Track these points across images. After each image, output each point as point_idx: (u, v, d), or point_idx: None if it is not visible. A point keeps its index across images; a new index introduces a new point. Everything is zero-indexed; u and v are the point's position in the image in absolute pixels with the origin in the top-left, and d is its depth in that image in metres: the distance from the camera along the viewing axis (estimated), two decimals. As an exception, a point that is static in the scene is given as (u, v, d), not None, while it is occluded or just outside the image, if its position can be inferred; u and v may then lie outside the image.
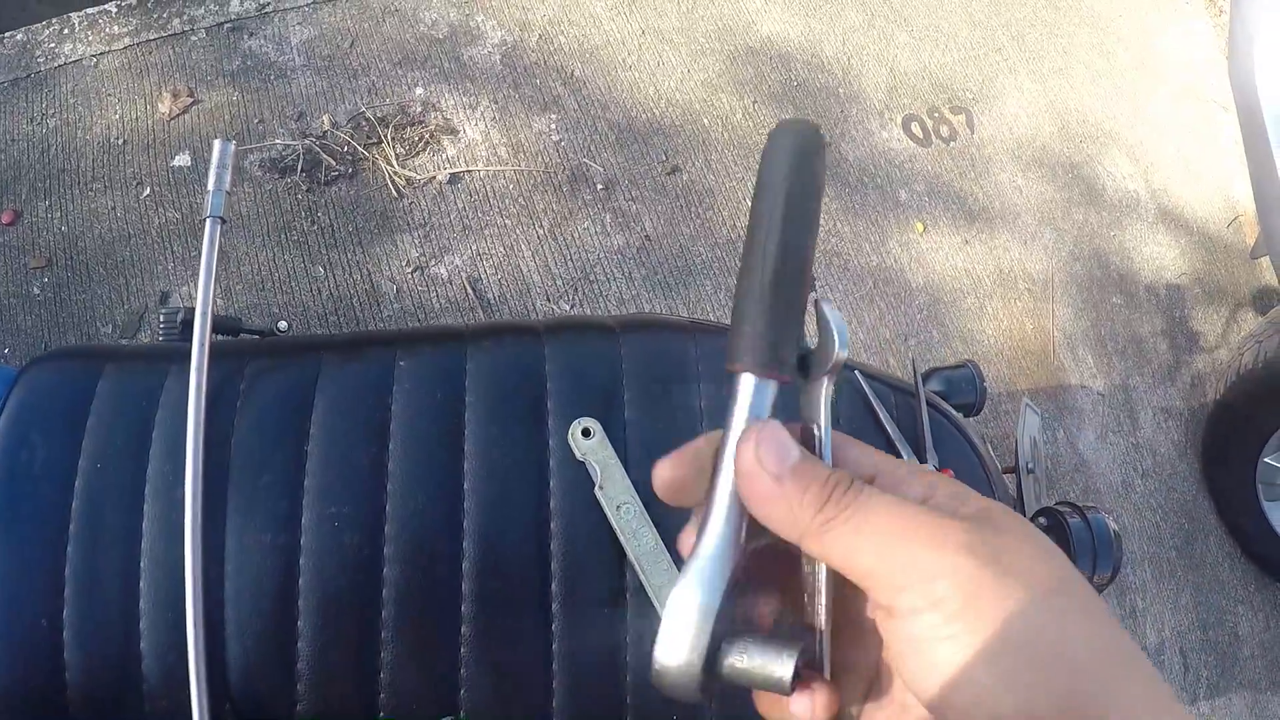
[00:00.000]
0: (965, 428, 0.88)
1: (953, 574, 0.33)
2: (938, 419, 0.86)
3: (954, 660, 0.32)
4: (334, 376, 0.77)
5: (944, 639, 0.32)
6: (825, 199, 2.17)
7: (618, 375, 0.78)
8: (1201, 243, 2.57)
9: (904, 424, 0.82)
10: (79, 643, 0.70)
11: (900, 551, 0.33)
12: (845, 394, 0.83)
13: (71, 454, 0.74)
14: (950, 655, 0.32)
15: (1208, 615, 2.26)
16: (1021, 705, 0.31)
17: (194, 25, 2.03)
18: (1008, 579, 0.33)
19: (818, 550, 0.35)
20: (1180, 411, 2.38)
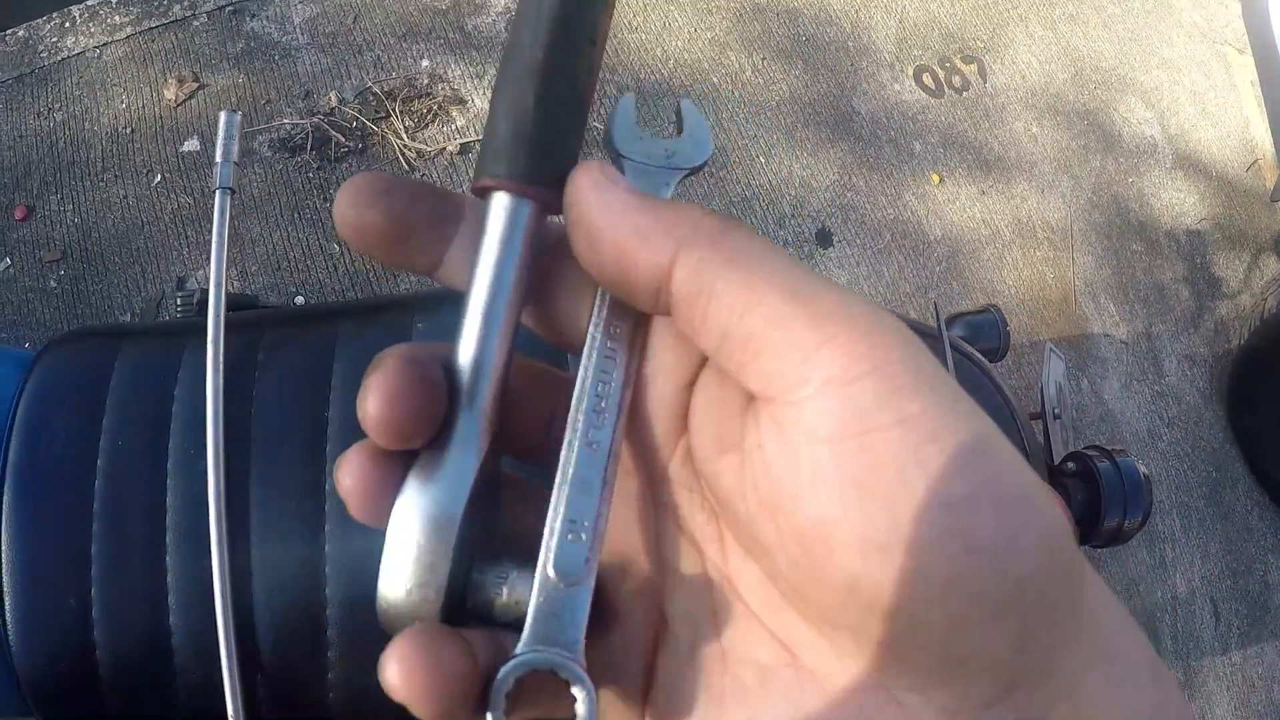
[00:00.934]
0: (990, 371, 0.87)
1: (900, 338, 0.24)
2: (962, 362, 0.85)
3: (915, 463, 0.23)
4: (351, 343, 0.77)
5: (896, 431, 0.23)
6: (840, 152, 2.15)
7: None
8: (1221, 187, 2.53)
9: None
10: (108, 621, 0.70)
11: (813, 291, 0.24)
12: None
13: (92, 433, 0.74)
14: (909, 457, 0.23)
15: (1237, 564, 2.25)
16: (1011, 529, 0.23)
17: (195, 10, 2.02)
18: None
19: (692, 283, 0.25)
20: (1204, 358, 2.36)
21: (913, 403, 0.23)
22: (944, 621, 0.23)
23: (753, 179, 2.04)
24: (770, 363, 0.24)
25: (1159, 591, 2.13)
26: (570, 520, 0.27)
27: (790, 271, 0.25)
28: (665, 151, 0.30)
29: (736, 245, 0.25)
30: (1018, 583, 0.23)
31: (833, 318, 0.24)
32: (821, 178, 2.10)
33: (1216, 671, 2.15)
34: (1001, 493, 0.23)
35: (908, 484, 0.22)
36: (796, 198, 2.06)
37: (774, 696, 0.27)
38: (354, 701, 0.71)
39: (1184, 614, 2.15)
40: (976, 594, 0.22)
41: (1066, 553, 0.24)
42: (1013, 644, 0.23)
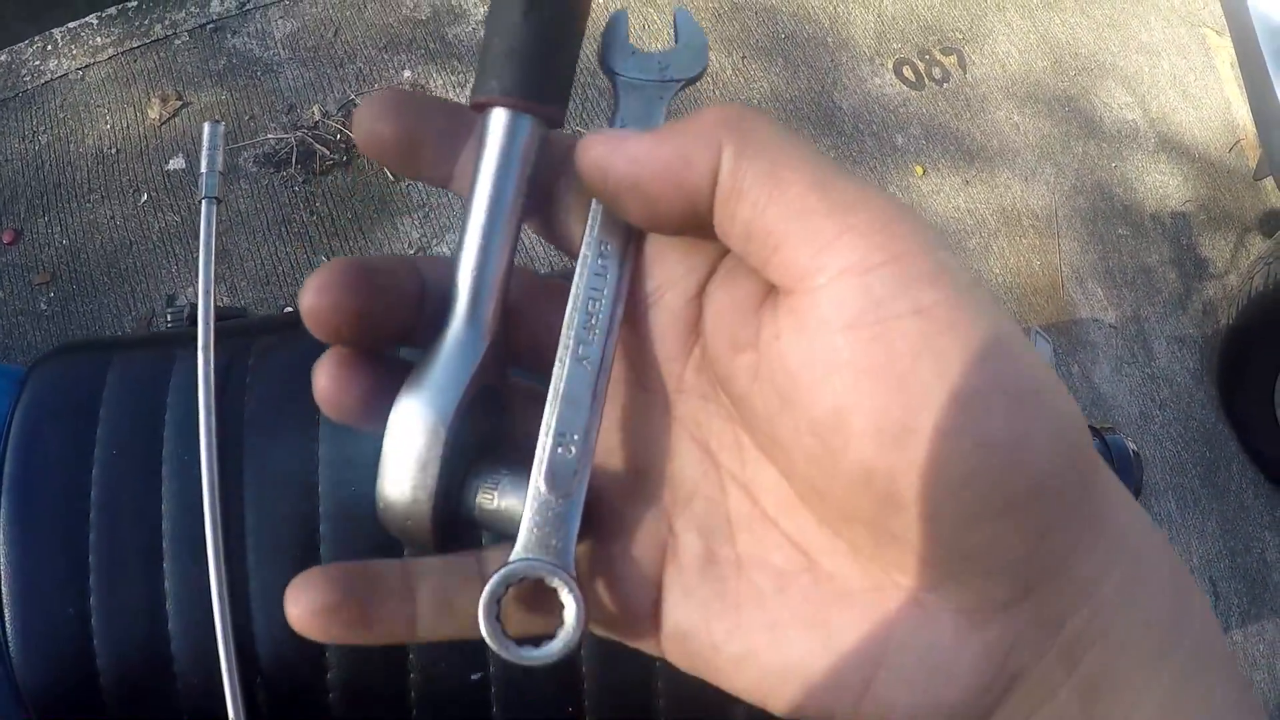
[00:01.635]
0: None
1: (915, 229, 0.24)
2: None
3: (929, 353, 0.23)
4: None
5: (913, 321, 0.23)
6: (822, 147, 2.16)
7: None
8: (1204, 169, 2.55)
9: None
10: (108, 630, 0.70)
11: (849, 182, 0.24)
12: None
13: (86, 444, 0.74)
14: (926, 346, 0.23)
15: (1235, 543, 2.25)
16: (1023, 427, 0.23)
17: (176, 29, 2.02)
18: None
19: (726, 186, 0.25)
20: (1194, 339, 2.37)
21: (930, 293, 0.23)
22: (958, 516, 0.23)
23: (737, 176, 2.05)
24: (789, 253, 0.24)
25: (1158, 573, 2.13)
26: (560, 433, 0.27)
27: (813, 162, 0.25)
28: (659, 65, 0.30)
29: (762, 139, 0.25)
30: (1032, 479, 0.23)
31: (853, 208, 0.24)
32: (806, 173, 2.11)
33: (1218, 651, 2.16)
34: (1016, 388, 0.23)
35: (922, 375, 0.22)
36: (781, 194, 2.07)
37: (793, 601, 0.27)
38: (353, 702, 0.71)
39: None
40: (989, 489, 0.23)
41: (1083, 452, 0.24)
42: (1028, 542, 0.23)
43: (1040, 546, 0.23)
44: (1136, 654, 0.25)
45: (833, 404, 0.24)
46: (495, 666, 0.70)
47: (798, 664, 0.26)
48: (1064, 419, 0.23)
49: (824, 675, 0.26)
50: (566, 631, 0.26)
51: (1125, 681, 0.24)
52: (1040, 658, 0.24)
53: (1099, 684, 0.24)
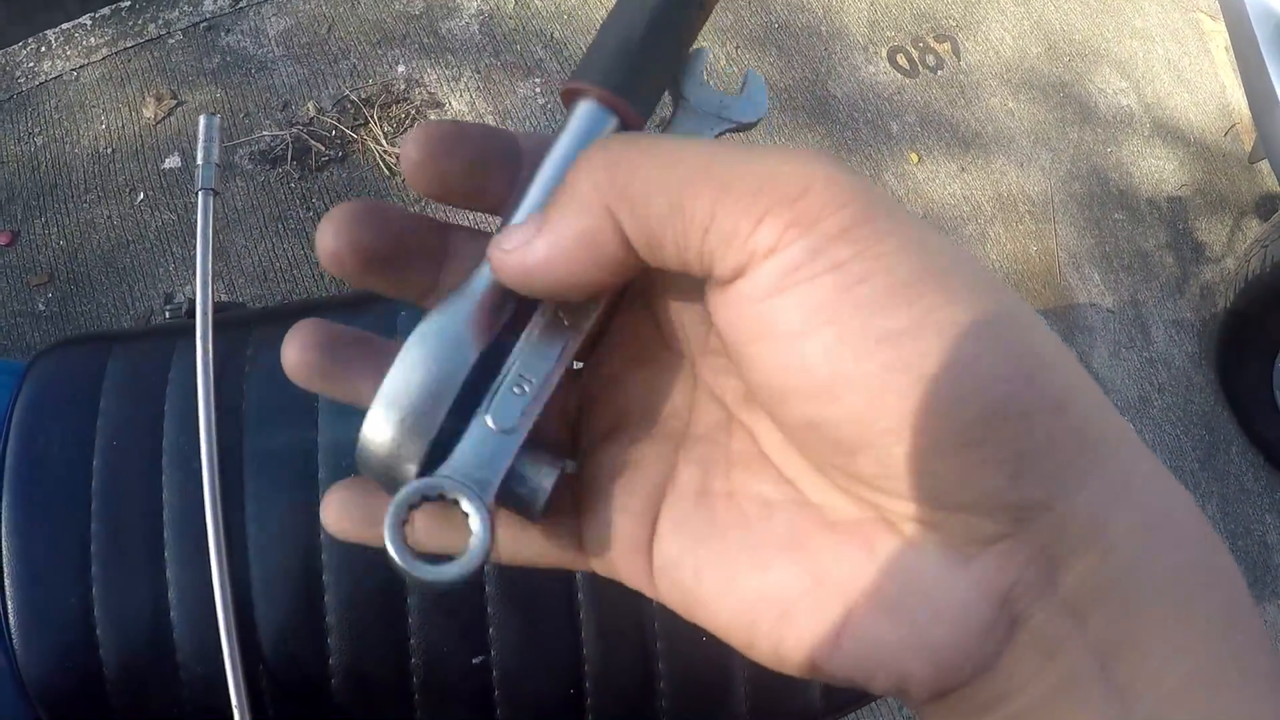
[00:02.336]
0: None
1: (828, 185, 0.23)
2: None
3: (848, 305, 0.23)
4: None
5: (827, 278, 0.23)
6: (817, 136, 2.16)
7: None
8: (1200, 153, 2.55)
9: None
10: (110, 619, 0.71)
11: (746, 169, 0.24)
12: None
13: (87, 435, 0.75)
14: (840, 300, 0.23)
15: (1235, 525, 2.26)
16: (967, 361, 0.22)
17: (170, 28, 2.02)
18: (903, 211, 0.24)
19: (634, 220, 0.25)
20: (1192, 323, 2.37)
21: (845, 249, 0.23)
22: (914, 455, 0.23)
23: (733, 166, 2.05)
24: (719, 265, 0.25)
25: (1158, 557, 2.14)
26: (519, 375, 0.28)
27: (707, 160, 0.25)
28: (720, 103, 0.32)
29: (645, 179, 0.25)
30: (985, 410, 0.22)
31: (762, 190, 0.24)
32: (801, 162, 2.11)
33: (1220, 634, 2.17)
34: (949, 320, 0.23)
35: (840, 324, 0.23)
36: (777, 183, 2.07)
37: (775, 527, 0.27)
38: (356, 688, 0.72)
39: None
40: (939, 424, 0.22)
41: (1053, 378, 0.23)
42: (1001, 475, 0.23)
43: (1017, 479, 0.23)
44: (1159, 612, 0.23)
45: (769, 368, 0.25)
46: (496, 651, 0.71)
47: (776, 590, 0.26)
48: (1025, 346, 0.23)
49: (803, 603, 0.26)
50: (468, 555, 0.26)
51: (1148, 642, 0.23)
52: (1042, 604, 0.24)
53: (1118, 643, 0.23)
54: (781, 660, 0.26)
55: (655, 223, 0.25)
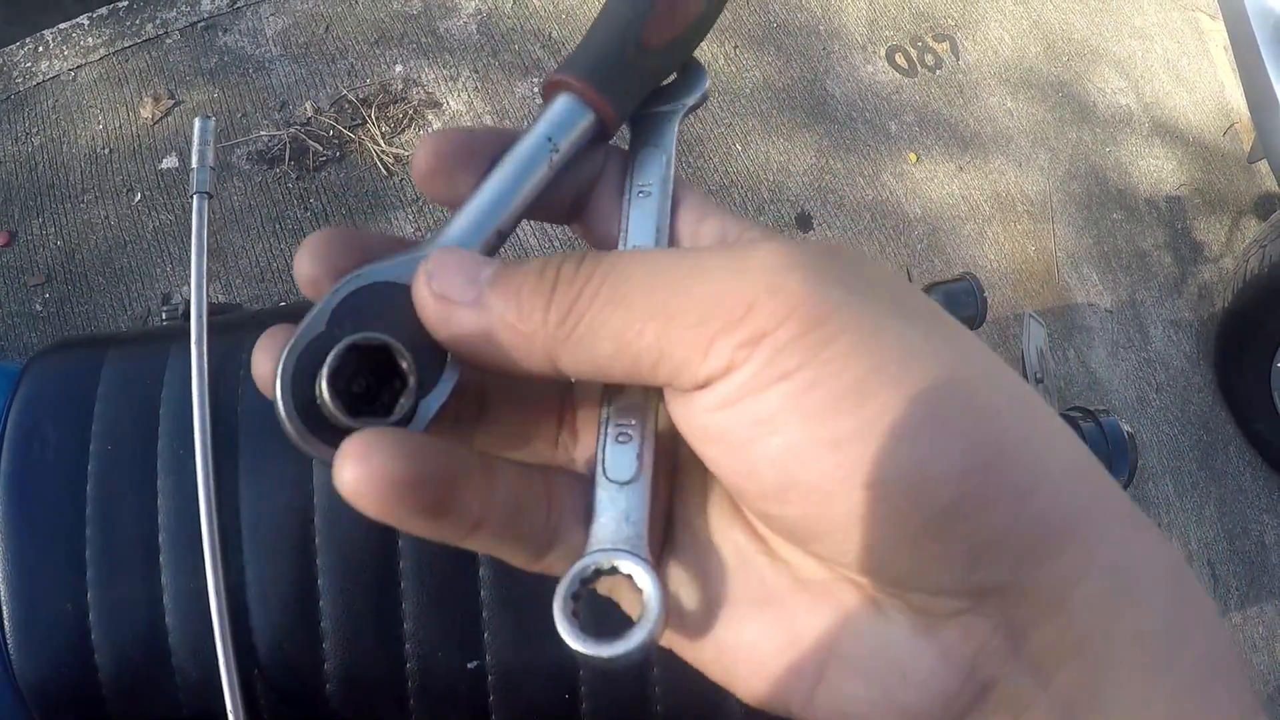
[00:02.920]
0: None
1: (772, 296, 0.23)
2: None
3: (795, 414, 0.23)
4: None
5: (776, 389, 0.23)
6: (816, 135, 2.16)
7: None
8: (1198, 152, 2.55)
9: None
10: (105, 623, 0.70)
11: (690, 296, 0.24)
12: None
13: (82, 439, 0.74)
14: (788, 409, 0.23)
15: (1233, 525, 2.26)
16: (917, 463, 0.22)
17: (167, 28, 2.02)
18: (861, 296, 0.24)
19: (577, 361, 0.25)
20: (1190, 323, 2.37)
21: (792, 359, 0.23)
22: (866, 550, 0.23)
23: (730, 166, 2.05)
24: (666, 373, 0.25)
25: (1156, 556, 2.14)
26: (618, 424, 0.28)
27: (648, 289, 0.25)
28: (665, 95, 0.32)
29: (583, 319, 0.25)
30: (936, 512, 0.22)
31: (707, 320, 0.24)
32: (799, 162, 2.11)
33: (1218, 633, 2.17)
34: (897, 421, 0.22)
35: (789, 432, 0.23)
36: (775, 183, 2.07)
37: (750, 578, 0.27)
38: (351, 693, 0.71)
39: (1183, 578, 2.16)
40: (889, 526, 0.23)
41: (1015, 465, 0.23)
42: (957, 566, 0.23)
43: (973, 564, 0.23)
44: (1126, 668, 0.23)
45: (725, 473, 0.25)
46: (491, 655, 0.71)
47: (752, 644, 0.27)
48: (974, 442, 0.23)
49: (778, 657, 0.26)
50: (648, 619, 0.25)
51: (1114, 697, 0.23)
52: (1008, 669, 0.24)
53: (1084, 700, 0.23)
54: (759, 703, 0.27)
55: (603, 362, 0.25)
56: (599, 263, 0.25)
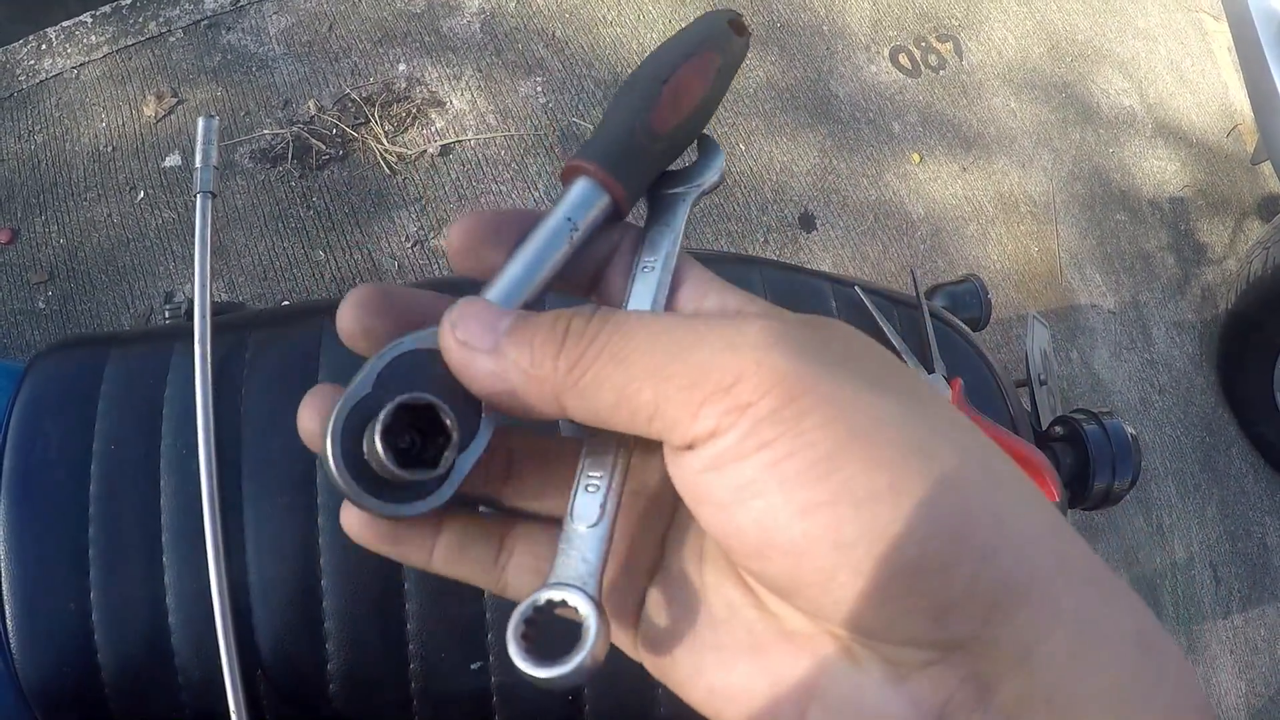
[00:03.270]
0: (971, 338, 0.88)
1: (758, 370, 0.26)
2: (943, 330, 0.86)
3: (773, 481, 0.25)
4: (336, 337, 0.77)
5: (756, 457, 0.26)
6: (819, 135, 2.16)
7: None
8: (1202, 154, 2.55)
9: (909, 337, 0.82)
10: (108, 623, 0.70)
11: (685, 362, 0.27)
12: (843, 310, 0.82)
13: (85, 438, 0.74)
14: (767, 476, 0.25)
15: (1235, 527, 2.26)
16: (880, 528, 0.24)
17: (170, 26, 2.02)
18: (841, 370, 0.26)
19: (582, 408, 0.28)
20: (1193, 325, 2.37)
21: (772, 430, 0.25)
22: (839, 605, 0.26)
23: (733, 166, 2.04)
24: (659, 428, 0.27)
25: (1158, 558, 2.14)
26: (589, 476, 0.31)
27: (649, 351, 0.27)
28: (684, 178, 0.36)
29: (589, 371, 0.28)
30: (900, 570, 0.25)
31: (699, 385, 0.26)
32: (802, 162, 2.11)
33: (1219, 636, 2.16)
34: (865, 489, 0.25)
35: (767, 497, 0.26)
36: (778, 183, 2.06)
37: (738, 628, 0.30)
38: (354, 693, 0.71)
39: (1184, 579, 2.15)
40: (858, 583, 0.25)
41: (980, 529, 0.25)
42: (924, 621, 0.25)
43: (939, 620, 0.25)
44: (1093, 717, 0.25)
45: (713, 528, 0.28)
46: (495, 656, 0.71)
47: (740, 687, 0.29)
48: (941, 510, 0.25)
49: (762, 702, 0.29)
50: (583, 648, 0.27)
51: None
52: (975, 715, 0.25)
53: None
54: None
55: (604, 411, 0.28)
56: (606, 320, 0.28)
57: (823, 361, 0.26)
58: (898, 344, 0.80)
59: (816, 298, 0.82)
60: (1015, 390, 0.93)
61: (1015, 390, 0.93)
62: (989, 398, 0.84)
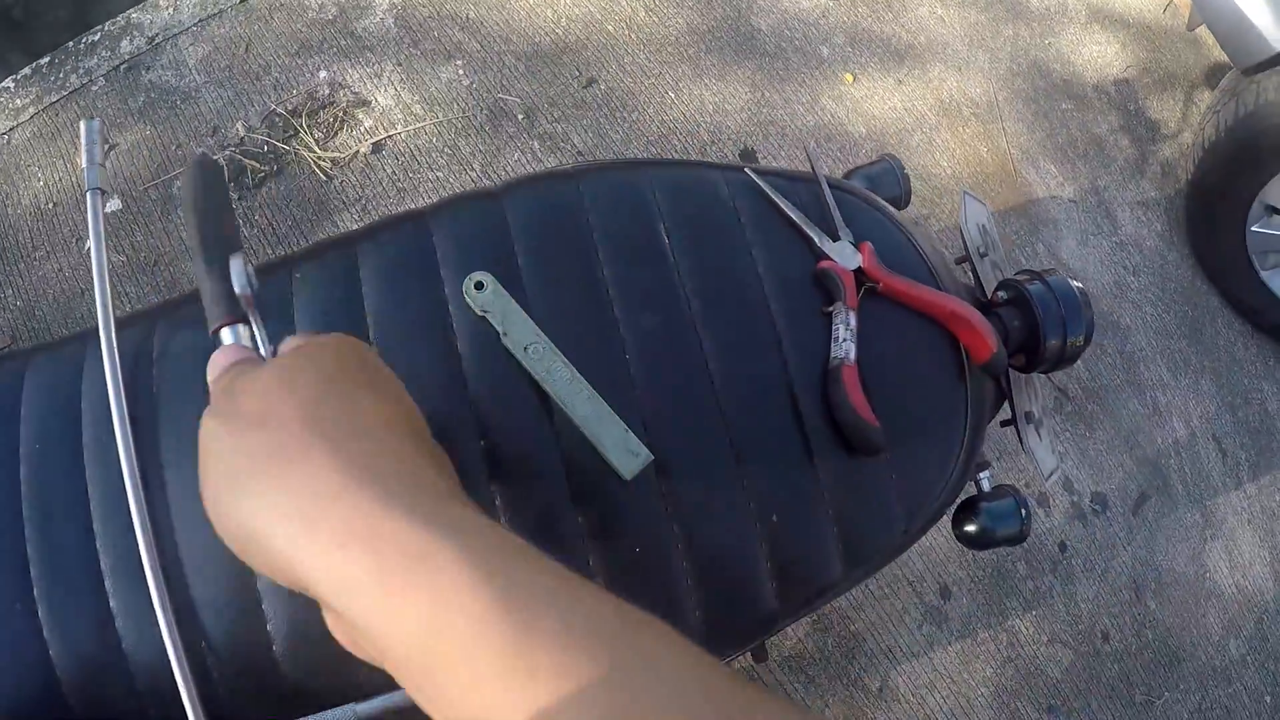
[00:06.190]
0: (882, 205, 0.87)
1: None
2: (852, 201, 0.84)
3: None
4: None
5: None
6: (748, 71, 2.15)
7: (505, 231, 0.77)
8: (1140, 33, 2.53)
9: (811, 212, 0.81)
10: (55, 621, 0.70)
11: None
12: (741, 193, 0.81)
13: (11, 444, 0.74)
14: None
15: (1233, 397, 2.24)
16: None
17: (91, 75, 2.01)
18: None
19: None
20: (1157, 201, 2.36)
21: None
22: None
23: (666, 115, 2.03)
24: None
25: (1159, 439, 2.12)
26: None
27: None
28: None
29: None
30: None
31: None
32: (734, 100, 2.10)
33: (1234, 507, 2.15)
34: None
35: None
36: (713, 124, 2.05)
37: None
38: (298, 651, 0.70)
39: (1189, 456, 2.14)
40: None
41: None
42: None
43: None
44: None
45: None
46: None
47: None
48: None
49: None
50: None
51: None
52: None
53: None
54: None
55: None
56: None
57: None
58: (797, 217, 0.79)
59: (707, 186, 0.81)
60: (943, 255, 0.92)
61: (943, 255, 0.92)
62: (908, 261, 0.83)
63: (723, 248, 0.78)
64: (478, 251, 0.76)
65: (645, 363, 0.73)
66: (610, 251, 0.76)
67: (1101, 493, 2.01)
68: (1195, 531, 2.07)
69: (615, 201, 0.79)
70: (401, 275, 0.76)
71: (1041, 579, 1.90)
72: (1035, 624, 1.87)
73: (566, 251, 0.76)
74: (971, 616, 1.82)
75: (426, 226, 0.78)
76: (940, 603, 1.81)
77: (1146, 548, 2.01)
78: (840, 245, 0.78)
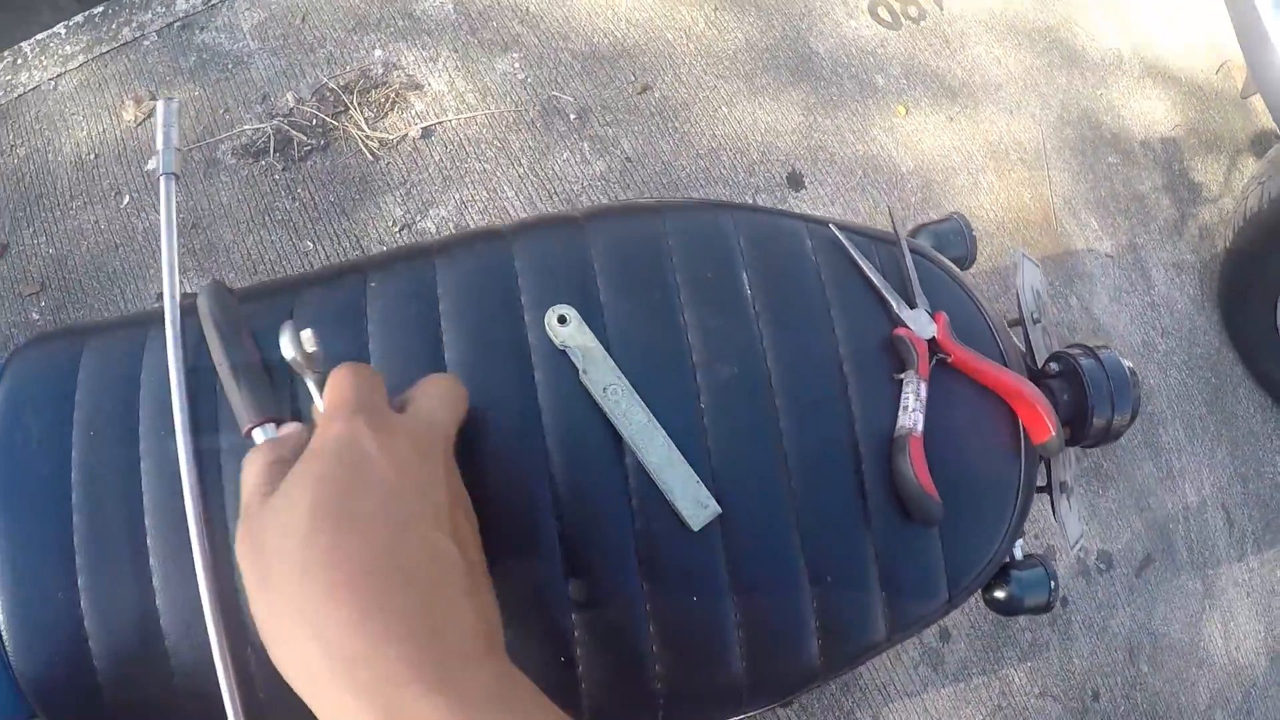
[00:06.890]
0: (956, 274, 0.86)
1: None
2: (927, 266, 0.84)
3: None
4: (309, 309, 0.76)
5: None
6: (802, 93, 2.14)
7: (588, 262, 0.76)
8: (1191, 92, 2.52)
9: (889, 275, 0.80)
10: (97, 610, 0.70)
11: None
12: (820, 249, 0.81)
13: (64, 428, 0.74)
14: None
15: (1245, 468, 2.24)
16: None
17: (144, 30, 2.01)
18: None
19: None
20: (1192, 265, 2.35)
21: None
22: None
23: (717, 130, 2.03)
24: None
25: (1169, 503, 2.12)
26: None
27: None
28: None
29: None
30: None
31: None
32: (786, 121, 2.09)
33: (1235, 579, 2.15)
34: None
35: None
36: (764, 143, 2.05)
37: None
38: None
39: (1196, 523, 2.14)
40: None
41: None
42: None
43: None
44: None
45: None
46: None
47: None
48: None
49: None
50: None
51: None
52: None
53: None
54: None
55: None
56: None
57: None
58: (877, 280, 0.79)
59: (792, 238, 0.81)
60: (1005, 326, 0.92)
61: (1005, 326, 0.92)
62: (976, 332, 0.83)
63: (803, 303, 0.78)
64: (560, 280, 0.76)
65: (718, 414, 0.73)
66: (691, 294, 0.76)
67: (1108, 551, 2.01)
68: (1195, 599, 2.07)
69: (699, 242, 0.79)
70: (481, 297, 0.76)
71: (1040, 631, 1.90)
72: (1029, 675, 1.87)
73: (649, 289, 0.76)
74: (968, 661, 1.83)
75: (508, 248, 0.78)
76: (939, 645, 1.81)
77: (1145, 611, 2.01)
78: (917, 313, 0.78)
